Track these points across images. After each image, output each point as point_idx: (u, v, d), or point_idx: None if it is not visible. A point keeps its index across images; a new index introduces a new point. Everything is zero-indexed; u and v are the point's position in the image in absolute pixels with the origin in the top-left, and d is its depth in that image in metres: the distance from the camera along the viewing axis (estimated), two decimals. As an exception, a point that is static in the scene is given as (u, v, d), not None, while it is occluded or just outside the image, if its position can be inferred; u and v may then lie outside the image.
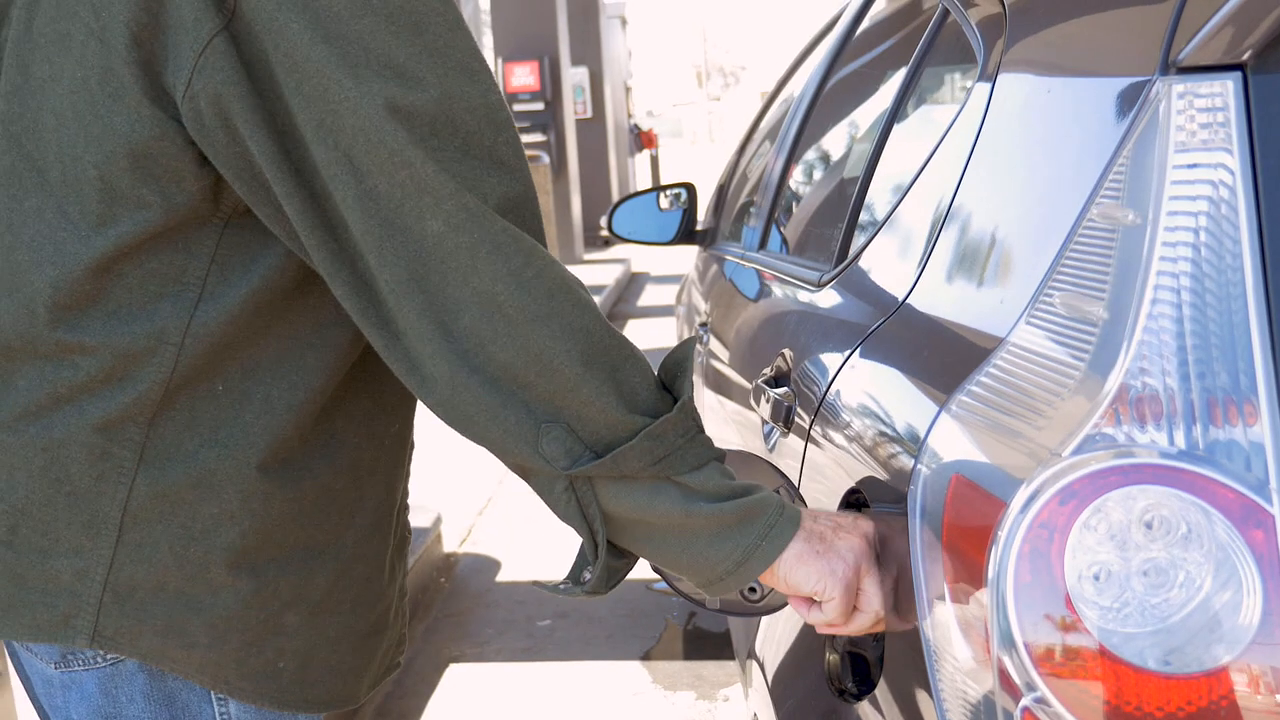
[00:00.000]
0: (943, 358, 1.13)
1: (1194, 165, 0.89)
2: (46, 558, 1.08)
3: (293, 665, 1.13)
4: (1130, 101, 0.96)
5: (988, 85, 1.25)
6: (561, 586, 1.07)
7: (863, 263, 1.49)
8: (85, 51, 1.00)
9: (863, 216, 1.63)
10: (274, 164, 0.98)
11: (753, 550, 1.01)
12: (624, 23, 18.08)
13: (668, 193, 3.36)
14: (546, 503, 1.03)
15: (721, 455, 1.04)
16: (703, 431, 1.03)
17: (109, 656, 1.11)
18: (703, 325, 2.71)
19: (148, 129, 0.99)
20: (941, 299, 1.19)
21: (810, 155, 2.31)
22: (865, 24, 2.17)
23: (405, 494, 1.25)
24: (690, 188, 3.35)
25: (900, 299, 1.28)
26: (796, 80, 2.84)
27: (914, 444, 1.07)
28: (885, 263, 1.42)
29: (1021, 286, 1.01)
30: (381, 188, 0.96)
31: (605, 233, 3.55)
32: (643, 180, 20.31)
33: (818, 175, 2.26)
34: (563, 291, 0.99)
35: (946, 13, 1.54)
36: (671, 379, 1.05)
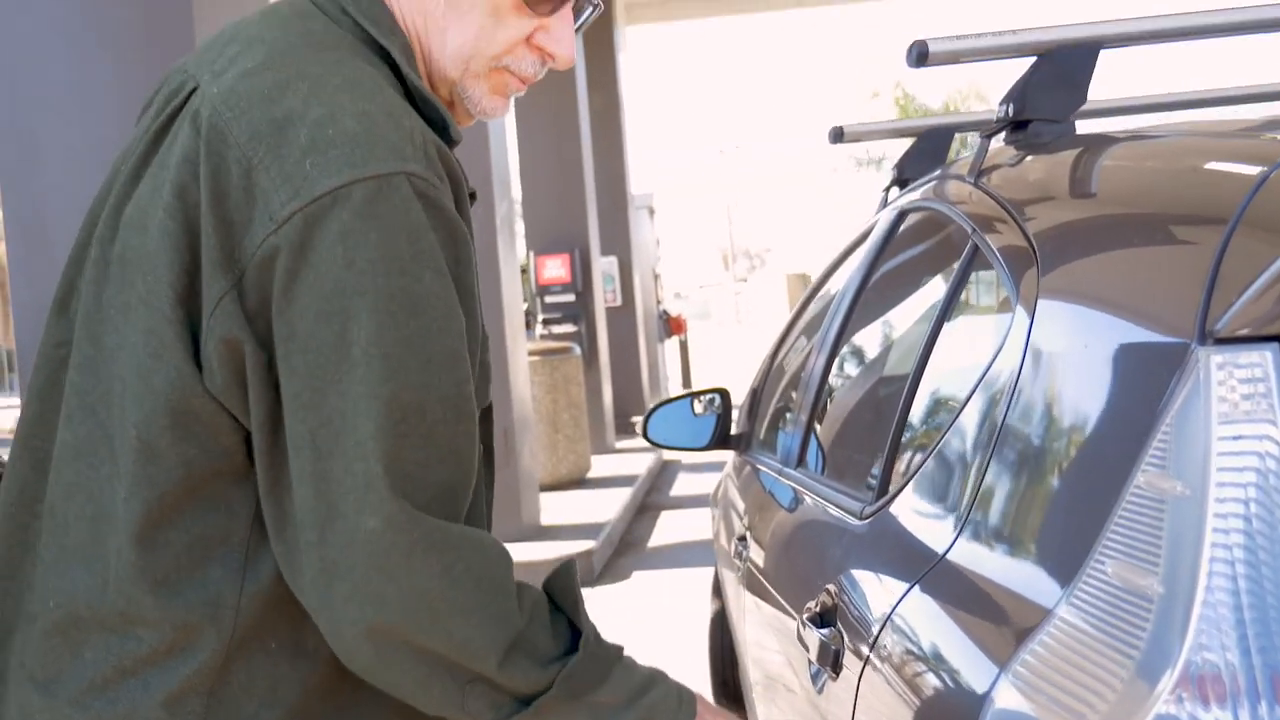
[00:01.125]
0: (994, 617, 1.11)
1: (1239, 437, 0.90)
2: None
3: None
4: (1168, 366, 0.97)
5: (1024, 332, 1.27)
6: None
7: (906, 500, 1.49)
8: (139, 318, 1.06)
9: (903, 448, 1.63)
10: (255, 416, 1.04)
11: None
12: (652, 212, 18.50)
13: (701, 398, 3.39)
14: None
15: (620, 651, 1.14)
16: (603, 644, 1.12)
17: None
18: (741, 539, 2.69)
19: (185, 385, 1.04)
20: (987, 555, 1.18)
21: (847, 373, 2.33)
22: (897, 241, 2.21)
23: None
24: (724, 393, 3.37)
25: (944, 550, 1.27)
26: (828, 292, 2.89)
27: (973, 708, 1.05)
28: (928, 504, 1.42)
29: (1069, 552, 1.01)
30: (335, 472, 1.01)
31: (641, 438, 3.57)
32: (673, 366, 20.47)
33: (855, 396, 2.27)
34: (487, 580, 1.05)
35: (976, 248, 1.58)
36: (574, 612, 1.14)
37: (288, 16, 1.15)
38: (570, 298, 12.05)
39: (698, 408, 3.36)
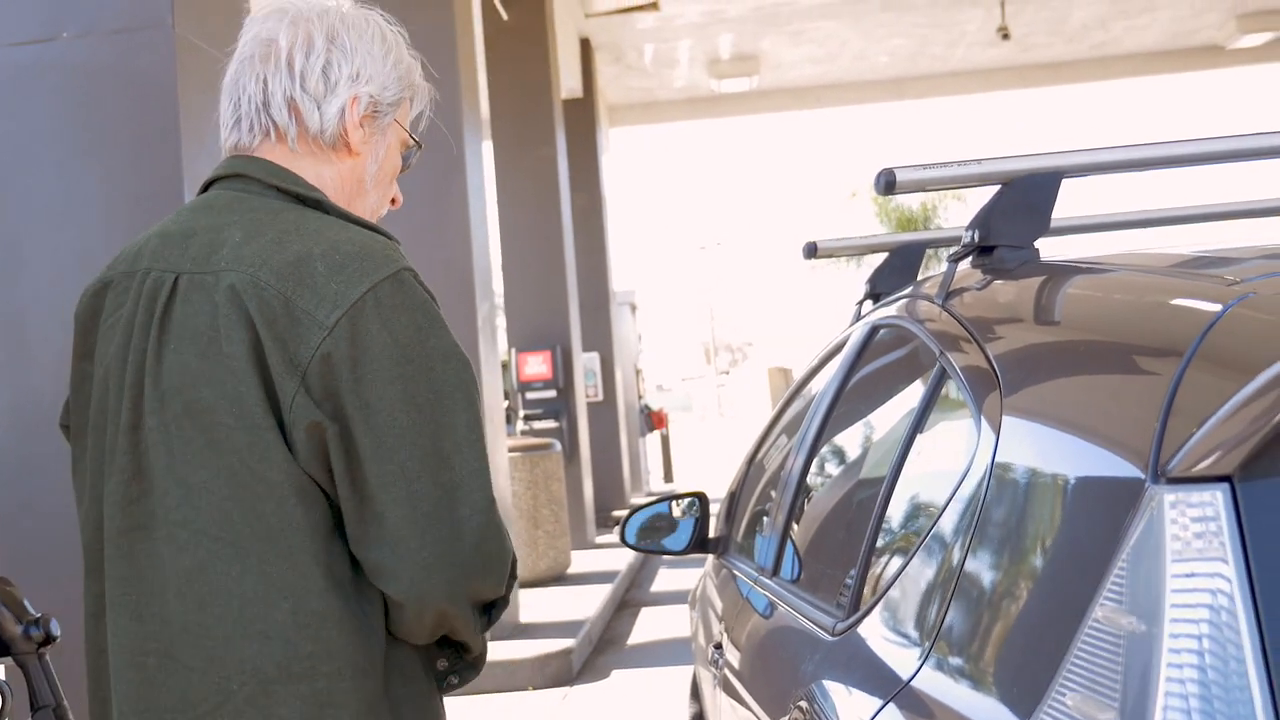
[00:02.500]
0: (960, 744, 1.13)
1: (1192, 574, 0.93)
2: None
3: None
4: (1124, 502, 1.00)
5: (988, 457, 1.30)
6: (455, 680, 1.53)
7: (875, 620, 1.51)
8: (234, 439, 1.37)
9: (874, 566, 1.66)
10: (338, 472, 1.38)
11: None
12: (634, 308, 18.62)
13: (680, 502, 3.41)
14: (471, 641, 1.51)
15: None
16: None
17: None
18: (717, 646, 2.70)
19: (292, 468, 1.37)
20: (951, 682, 1.20)
21: (821, 485, 2.36)
22: (869, 355, 2.26)
23: None
24: (702, 497, 3.39)
25: (910, 675, 1.29)
26: (804, 400, 2.93)
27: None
28: (897, 626, 1.44)
29: (1031, 683, 1.03)
30: (448, 485, 1.39)
31: (619, 542, 3.58)
32: (655, 460, 20.44)
33: (829, 509, 2.30)
34: (507, 545, 1.45)
35: (944, 369, 1.62)
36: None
37: (228, 206, 1.50)
38: (552, 393, 12.08)
39: (676, 511, 3.38)
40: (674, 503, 3.40)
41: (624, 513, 3.34)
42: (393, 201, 1.66)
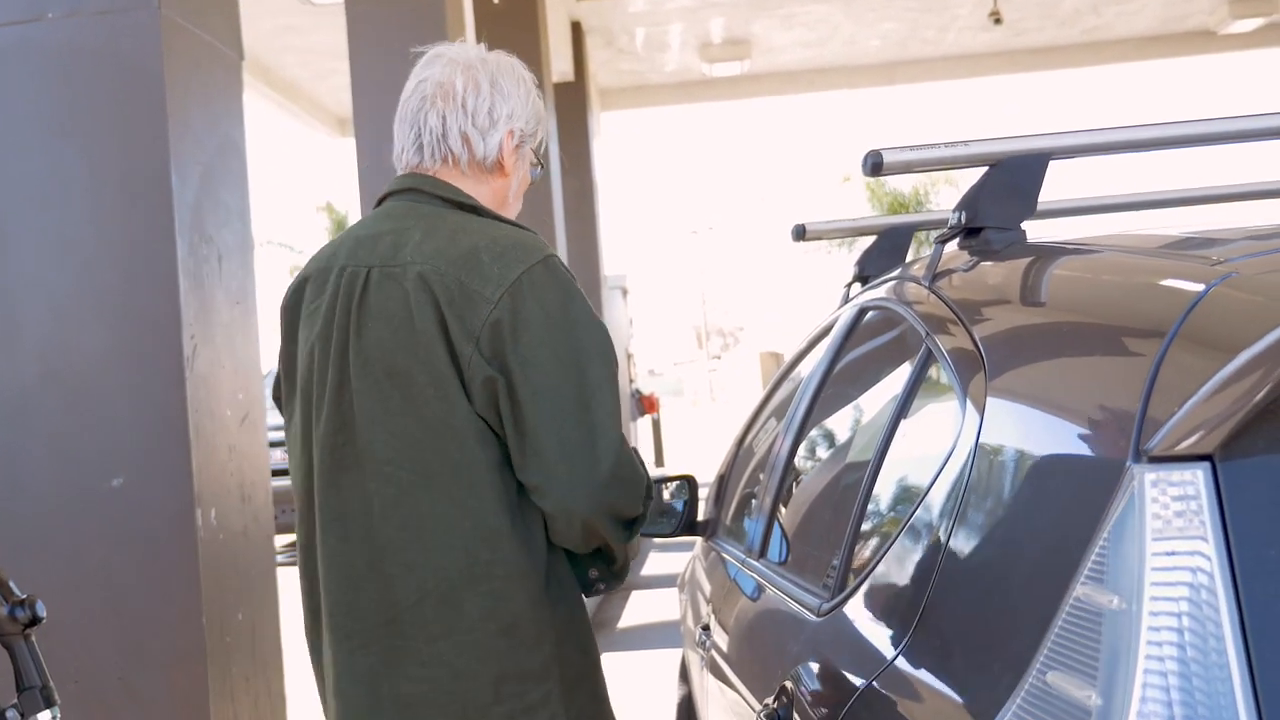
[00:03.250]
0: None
1: (1172, 553, 0.93)
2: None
3: None
4: (1106, 481, 1.00)
5: (972, 438, 1.30)
6: (602, 586, 1.94)
7: (860, 600, 1.51)
8: (429, 393, 1.77)
9: (859, 548, 1.66)
10: (505, 414, 1.76)
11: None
12: (625, 293, 18.60)
13: (669, 484, 3.41)
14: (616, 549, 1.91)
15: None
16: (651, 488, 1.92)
17: None
18: (705, 628, 2.70)
19: (470, 414, 1.76)
20: (935, 661, 1.21)
21: (809, 467, 2.36)
22: (856, 337, 2.26)
23: None
24: (691, 480, 3.39)
25: (894, 654, 1.29)
26: (792, 383, 2.93)
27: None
28: (881, 606, 1.44)
29: (1013, 662, 1.03)
30: (588, 423, 1.78)
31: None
32: (645, 444, 20.44)
33: (816, 491, 2.30)
34: (641, 470, 1.86)
35: (930, 350, 1.62)
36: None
37: (405, 213, 1.90)
38: (542, 378, 12.05)
39: (665, 494, 3.37)
40: (663, 485, 3.40)
41: None
42: None
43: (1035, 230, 1.78)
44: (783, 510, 2.37)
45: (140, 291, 3.20)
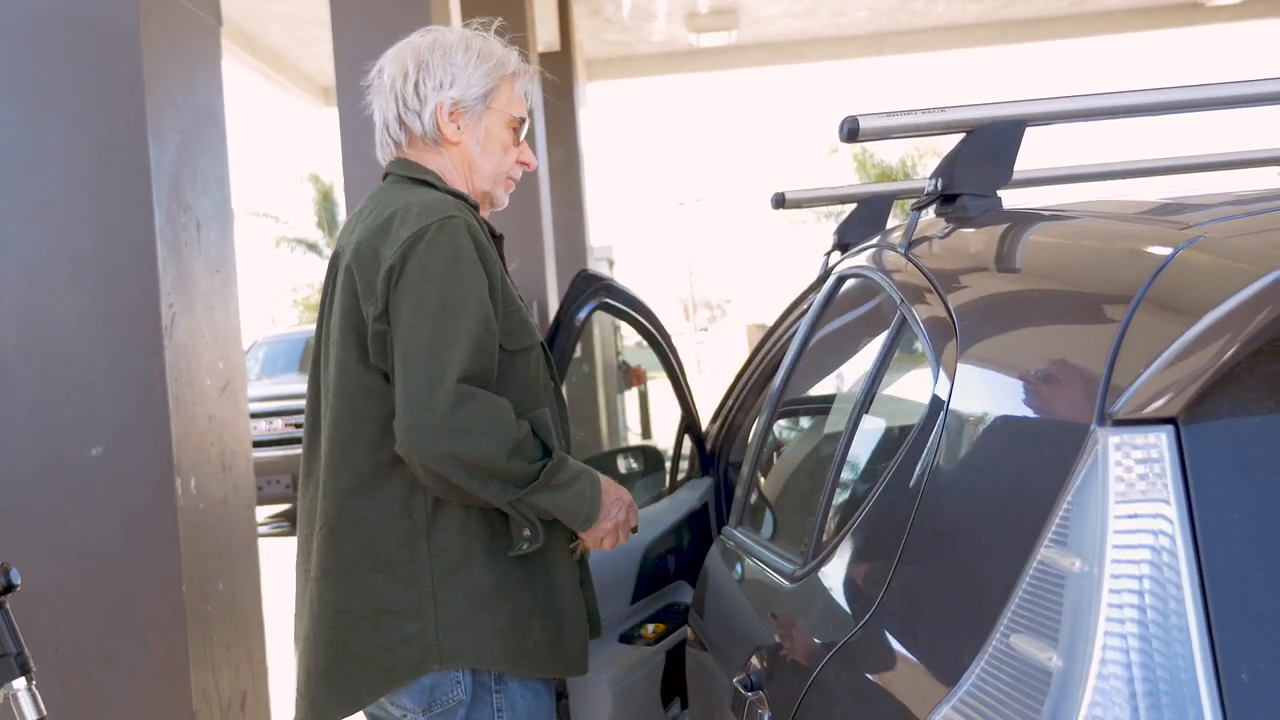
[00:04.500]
0: (907, 686, 1.14)
1: (1134, 515, 0.93)
2: None
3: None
4: (1071, 446, 1.01)
5: (943, 404, 1.30)
6: (523, 547, 1.98)
7: (832, 566, 1.51)
8: (343, 364, 2.00)
9: (832, 515, 1.66)
10: (392, 357, 1.93)
11: (592, 496, 2.01)
12: (611, 264, 18.56)
13: (627, 455, 3.42)
14: (503, 509, 1.96)
15: (564, 459, 2.01)
16: (560, 453, 2.01)
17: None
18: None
19: (362, 372, 1.97)
20: (903, 625, 1.21)
21: (786, 435, 2.37)
22: (835, 306, 2.26)
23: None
24: (650, 450, 3.39)
25: (864, 618, 1.30)
26: (770, 352, 2.93)
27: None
28: (852, 571, 1.45)
29: (979, 624, 1.03)
30: (428, 367, 1.89)
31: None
32: (633, 417, 20.44)
33: (793, 458, 2.31)
34: (499, 416, 1.90)
35: (904, 319, 1.62)
36: (547, 437, 2.00)
37: (378, 193, 2.10)
38: (528, 349, 12.02)
39: (621, 466, 3.39)
40: (623, 455, 3.41)
41: None
42: (525, 165, 2.18)
43: (1032, 200, 1.77)
44: (762, 478, 2.37)
45: (118, 260, 3.18)
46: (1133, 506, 0.93)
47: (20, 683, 1.97)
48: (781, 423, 2.35)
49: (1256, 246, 1.00)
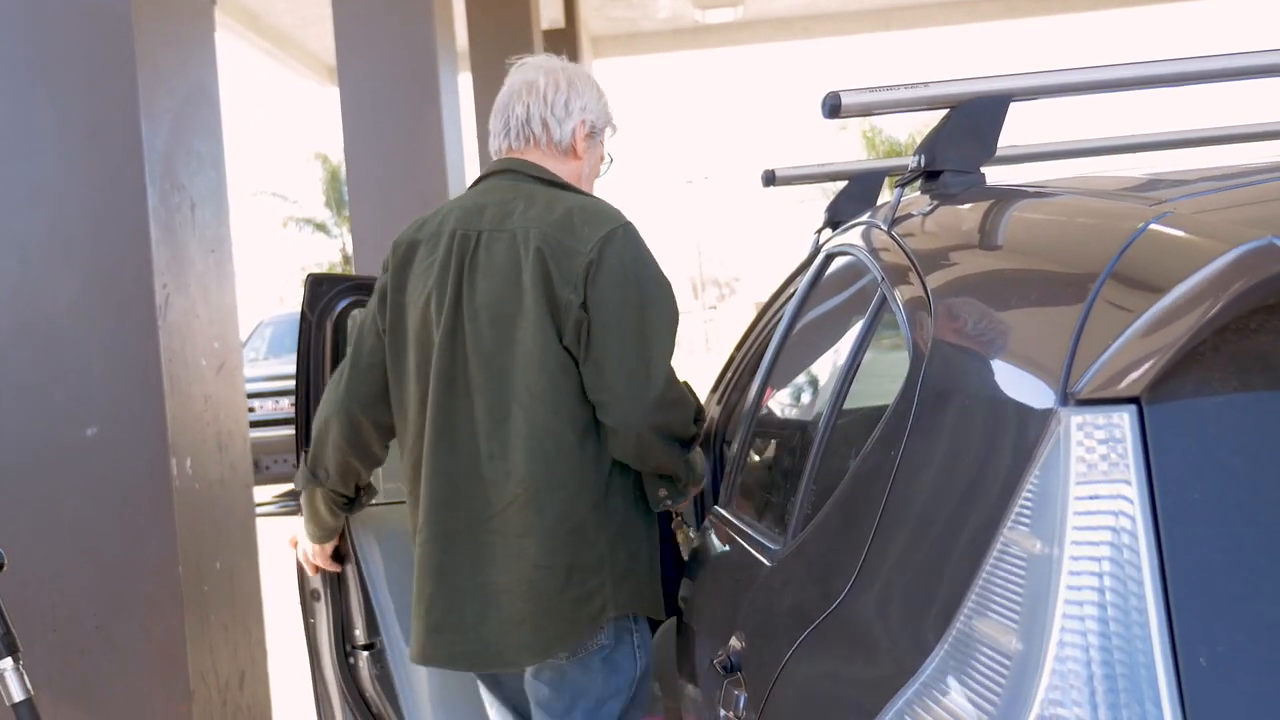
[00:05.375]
0: (875, 668, 1.13)
1: (1095, 496, 0.92)
2: None
3: None
4: (1036, 426, 0.99)
5: (915, 384, 1.29)
6: (667, 503, 2.29)
7: (810, 544, 1.51)
8: (527, 336, 2.16)
9: (811, 495, 1.65)
10: (585, 346, 2.15)
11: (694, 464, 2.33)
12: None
13: None
14: (677, 470, 2.27)
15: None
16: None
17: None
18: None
19: (558, 350, 2.16)
20: (874, 605, 1.20)
21: (774, 417, 2.36)
22: (823, 284, 2.24)
23: None
24: None
25: (838, 598, 1.29)
26: (762, 330, 2.91)
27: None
28: (829, 550, 1.44)
29: (943, 605, 1.03)
30: (644, 353, 2.17)
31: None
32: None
33: (780, 439, 2.30)
34: (691, 401, 2.27)
35: (885, 297, 1.60)
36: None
37: (506, 189, 2.29)
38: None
39: None
40: None
41: None
42: None
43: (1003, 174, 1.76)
44: (749, 458, 2.36)
45: (111, 240, 3.17)
46: (1094, 487, 0.92)
47: (7, 663, 1.98)
48: (767, 402, 2.34)
49: (1221, 222, 0.99)
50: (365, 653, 2.73)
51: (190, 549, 3.28)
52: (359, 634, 2.73)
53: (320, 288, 2.79)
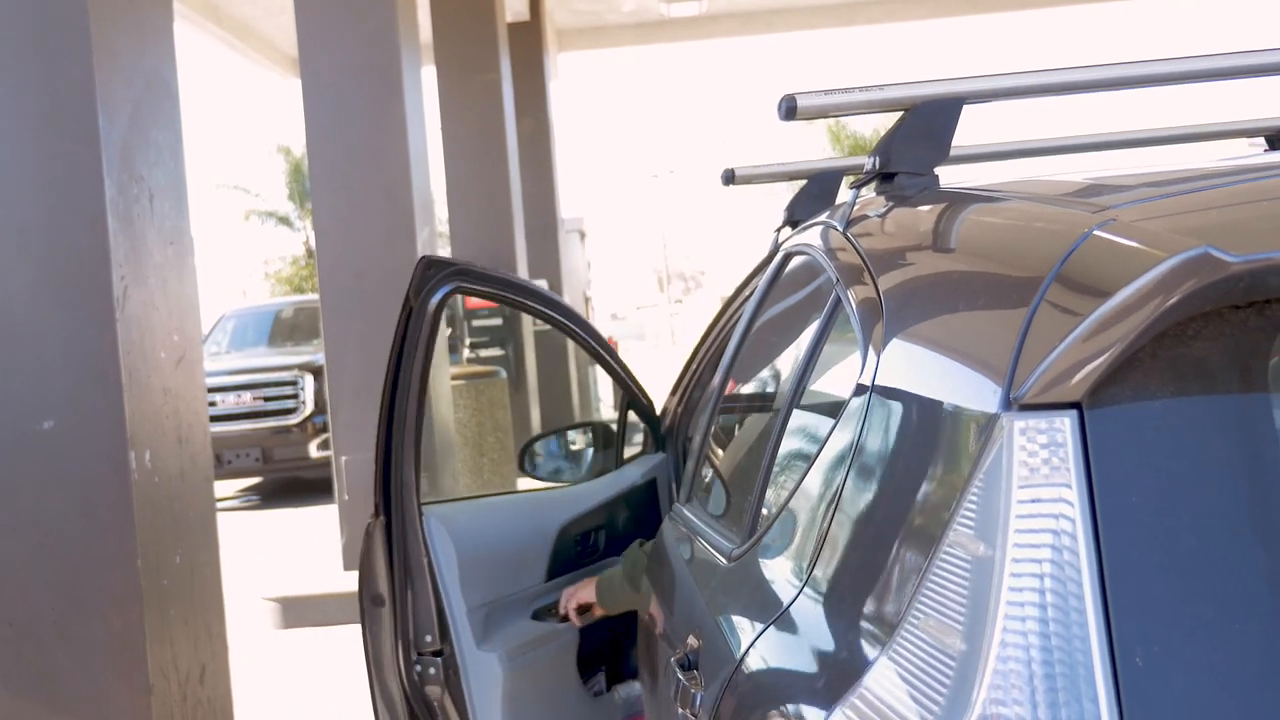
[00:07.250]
0: (825, 668, 1.15)
1: (1036, 500, 0.94)
2: None
3: None
4: (980, 430, 1.01)
5: (867, 388, 1.31)
6: None
7: (765, 546, 1.52)
8: None
9: (768, 495, 1.67)
10: None
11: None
12: (583, 236, 18.50)
13: (582, 430, 3.41)
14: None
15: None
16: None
17: None
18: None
19: None
20: (823, 608, 1.22)
21: (731, 417, 2.37)
22: (780, 284, 2.26)
23: None
24: (598, 426, 3.37)
25: (790, 600, 1.30)
26: (721, 330, 2.93)
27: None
28: (782, 551, 1.45)
29: (892, 606, 1.04)
30: None
31: (518, 472, 3.59)
32: (605, 388, 20.45)
33: (737, 439, 2.31)
34: None
35: (839, 298, 1.62)
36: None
37: None
38: (498, 321, 12.02)
39: (577, 441, 3.38)
40: (570, 433, 3.40)
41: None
42: None
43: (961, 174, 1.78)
44: (707, 458, 2.37)
45: (67, 231, 3.15)
46: (1035, 491, 0.94)
47: (-40, 660, 1.97)
48: (725, 401, 2.35)
49: (1162, 230, 1.00)
50: (436, 659, 2.54)
51: (150, 543, 3.26)
52: (429, 639, 2.53)
53: (429, 271, 2.56)
